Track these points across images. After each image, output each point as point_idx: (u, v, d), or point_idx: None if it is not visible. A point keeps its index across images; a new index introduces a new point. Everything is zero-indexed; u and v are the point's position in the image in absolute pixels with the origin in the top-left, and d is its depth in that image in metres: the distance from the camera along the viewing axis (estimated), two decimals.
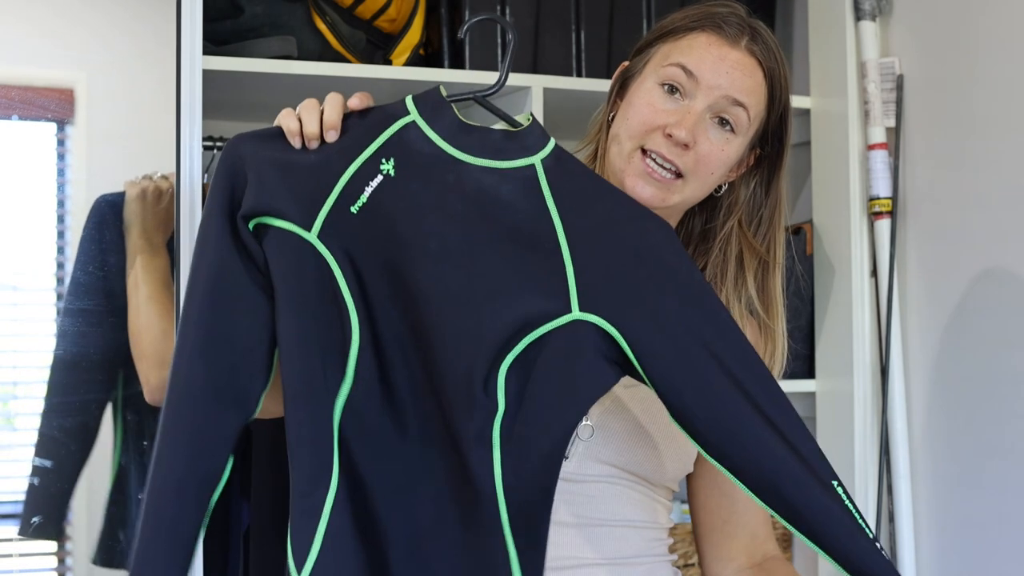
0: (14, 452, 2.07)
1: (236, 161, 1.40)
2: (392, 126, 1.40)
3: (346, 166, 1.38)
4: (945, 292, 2.16)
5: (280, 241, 1.37)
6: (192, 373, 1.38)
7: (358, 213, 1.37)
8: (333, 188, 1.37)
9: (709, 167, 1.53)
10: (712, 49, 1.53)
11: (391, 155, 1.39)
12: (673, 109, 1.52)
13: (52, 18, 2.02)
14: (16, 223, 2.04)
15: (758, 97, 1.55)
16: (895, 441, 2.20)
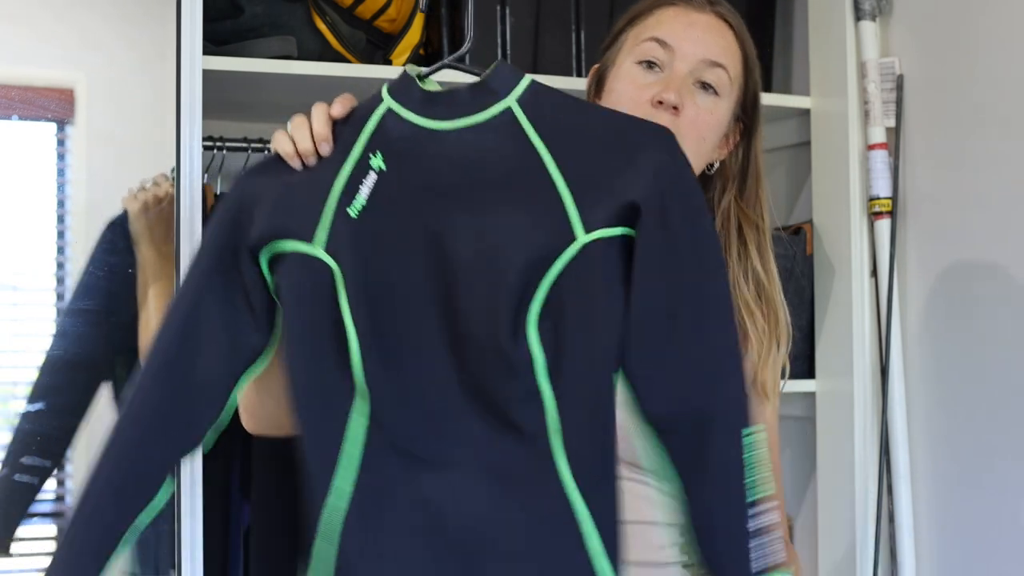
0: None
1: (239, 195, 1.40)
2: (371, 119, 1.40)
3: (337, 171, 1.38)
4: (945, 292, 2.16)
5: (287, 261, 1.37)
6: (145, 395, 1.38)
7: (359, 216, 1.36)
8: (329, 196, 1.37)
9: (700, 131, 1.54)
10: (680, 18, 1.56)
11: (377, 149, 1.38)
12: (656, 80, 1.54)
13: (52, 19, 2.02)
14: (16, 223, 2.04)
15: (733, 56, 1.58)
16: (895, 441, 2.20)
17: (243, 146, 2.30)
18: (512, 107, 1.39)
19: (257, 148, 2.31)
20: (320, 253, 1.35)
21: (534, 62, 2.24)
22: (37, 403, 2.01)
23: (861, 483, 2.21)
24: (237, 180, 1.43)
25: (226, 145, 2.28)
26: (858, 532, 2.19)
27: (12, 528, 2.03)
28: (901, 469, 2.20)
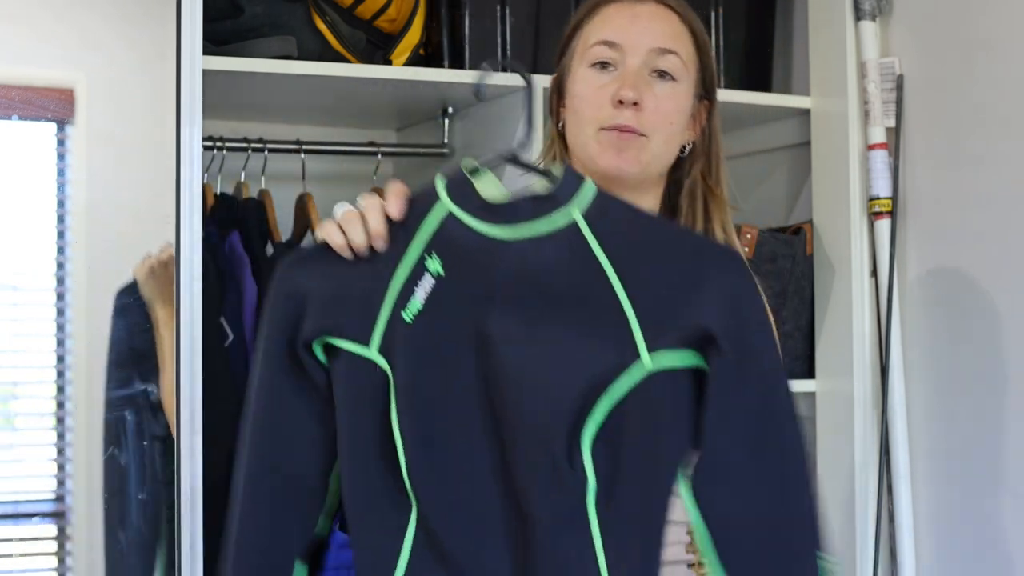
0: (14, 452, 2.07)
1: (290, 287, 1.38)
2: (430, 220, 1.36)
3: (393, 273, 1.35)
4: (945, 292, 2.16)
5: (342, 360, 1.36)
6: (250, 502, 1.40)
7: (414, 320, 1.34)
8: (384, 298, 1.34)
9: (667, 117, 1.55)
10: (622, 13, 1.57)
11: (435, 251, 1.35)
12: (611, 81, 1.54)
13: (52, 19, 2.02)
14: (16, 223, 2.04)
15: (683, 40, 1.58)
16: (895, 441, 2.20)
17: (243, 146, 2.31)
18: (577, 219, 1.35)
19: (257, 148, 2.31)
20: (375, 356, 1.34)
21: (534, 62, 2.24)
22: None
23: (861, 483, 2.21)
24: (282, 270, 1.40)
25: (226, 145, 2.28)
26: (858, 532, 2.19)
27: None
28: (901, 469, 2.20)
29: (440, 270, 1.35)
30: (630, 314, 1.30)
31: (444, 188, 1.37)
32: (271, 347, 1.38)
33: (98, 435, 2.03)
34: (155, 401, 1.99)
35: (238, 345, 2.04)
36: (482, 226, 1.35)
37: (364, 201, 1.39)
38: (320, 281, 1.37)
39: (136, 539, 1.99)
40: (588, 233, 1.34)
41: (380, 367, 1.33)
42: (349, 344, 1.35)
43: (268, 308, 1.39)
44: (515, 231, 1.35)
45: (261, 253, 2.15)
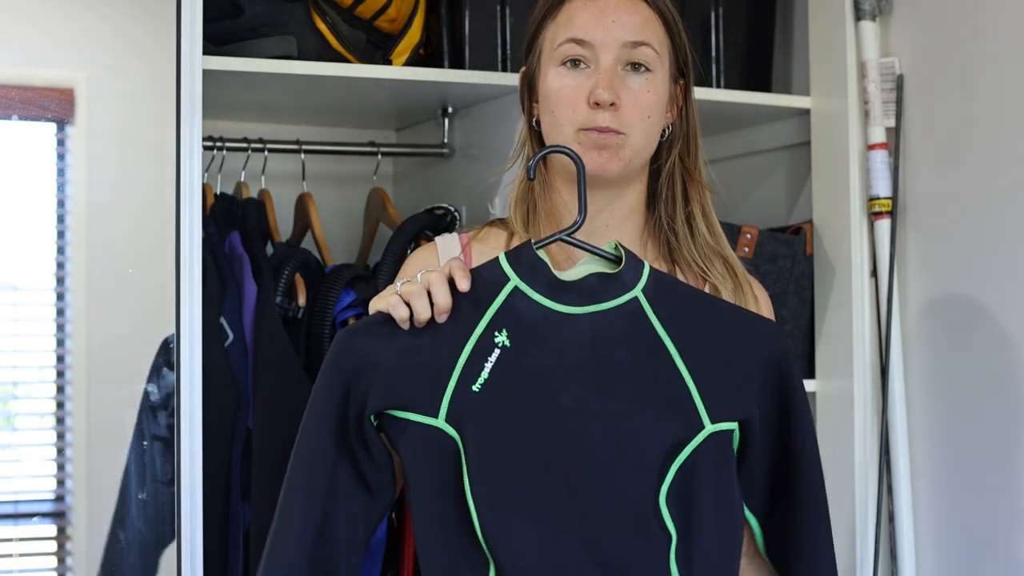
0: (14, 452, 2.07)
1: (349, 359, 1.41)
2: (498, 297, 1.41)
3: (462, 346, 1.39)
4: (945, 292, 2.16)
5: (409, 431, 1.39)
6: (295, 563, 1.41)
7: (481, 391, 1.38)
8: (453, 370, 1.39)
9: (644, 112, 1.54)
10: (588, 8, 1.55)
11: (503, 326, 1.40)
12: (585, 79, 1.53)
13: (52, 18, 2.02)
14: (16, 223, 2.04)
15: (654, 28, 1.56)
16: (895, 441, 2.20)
17: (243, 146, 2.31)
18: (639, 297, 1.43)
19: (257, 148, 2.32)
20: (444, 426, 1.38)
21: None
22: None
23: (861, 483, 2.21)
24: (342, 340, 1.42)
25: (226, 145, 2.28)
26: (858, 532, 2.19)
27: None
28: (901, 469, 2.20)
29: (507, 342, 1.40)
30: (692, 387, 1.41)
31: (509, 263, 1.42)
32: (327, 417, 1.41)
33: (98, 435, 2.03)
34: (155, 401, 1.98)
35: (238, 345, 2.04)
36: (549, 302, 1.41)
37: (429, 275, 1.41)
38: (383, 356, 1.40)
39: (136, 539, 1.99)
40: (649, 310, 1.43)
41: (449, 435, 1.38)
42: (416, 416, 1.39)
43: (326, 377, 1.41)
44: (582, 308, 1.42)
45: (261, 253, 2.15)
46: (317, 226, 2.33)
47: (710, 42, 2.40)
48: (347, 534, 1.42)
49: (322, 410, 1.41)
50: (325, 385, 1.41)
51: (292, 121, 2.52)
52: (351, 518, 1.42)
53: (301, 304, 2.13)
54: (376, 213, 2.41)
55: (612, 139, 1.52)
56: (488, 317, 1.40)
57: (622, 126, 1.53)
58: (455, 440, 1.37)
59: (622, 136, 1.53)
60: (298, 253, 2.20)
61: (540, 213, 1.62)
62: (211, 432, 1.91)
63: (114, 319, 2.04)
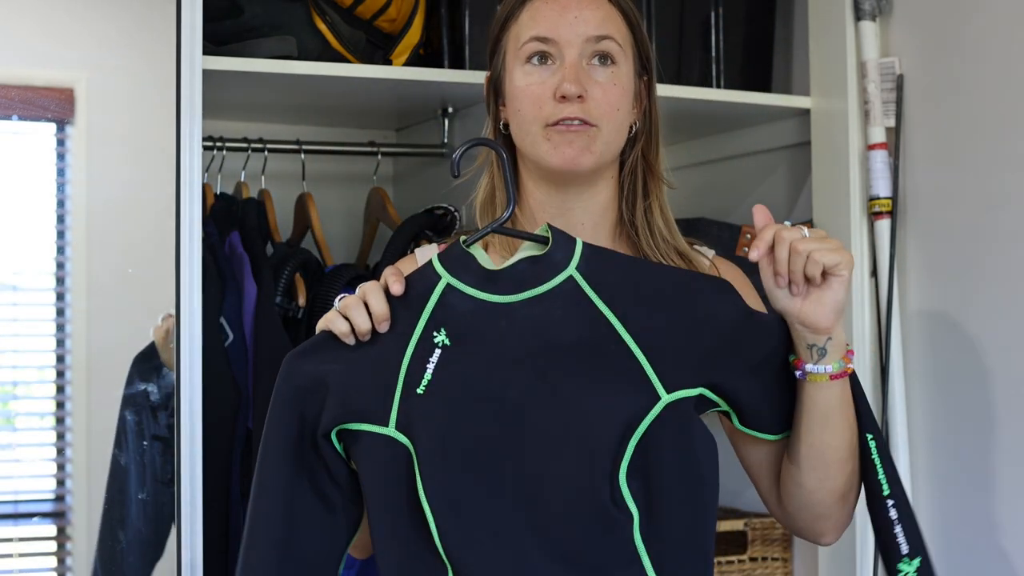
0: (14, 452, 2.07)
1: (300, 381, 1.41)
2: (431, 297, 1.40)
3: (403, 351, 1.39)
4: (945, 292, 2.16)
5: (363, 443, 1.39)
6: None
7: (426, 392, 1.37)
8: (397, 377, 1.38)
9: (612, 103, 1.54)
10: (550, 6, 1.55)
11: (440, 325, 1.39)
12: (551, 76, 1.53)
13: (52, 18, 2.02)
14: (16, 223, 2.04)
15: (615, 23, 1.56)
16: (895, 441, 2.20)
17: (243, 146, 2.31)
18: (573, 275, 1.41)
19: (257, 148, 2.32)
20: (394, 433, 1.37)
21: None
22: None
23: None
24: (289, 363, 1.42)
25: (226, 145, 2.28)
26: (858, 532, 2.19)
27: None
28: (901, 469, 2.20)
29: (446, 340, 1.39)
30: (642, 360, 1.38)
31: (439, 263, 1.41)
32: (284, 440, 1.40)
33: (98, 435, 2.03)
34: (155, 401, 1.99)
35: (238, 345, 2.04)
36: (482, 294, 1.40)
37: (363, 286, 1.42)
38: (330, 372, 1.39)
39: (136, 539, 1.99)
40: (586, 286, 1.40)
41: (400, 442, 1.37)
42: (368, 426, 1.38)
43: (278, 401, 1.41)
44: (516, 296, 1.40)
45: (261, 253, 2.15)
46: (317, 226, 2.33)
47: (710, 42, 2.40)
48: (314, 553, 1.41)
49: (277, 435, 1.41)
50: (277, 410, 1.41)
51: (292, 121, 2.52)
52: (315, 537, 1.41)
53: (301, 304, 2.13)
54: (376, 213, 2.41)
55: (583, 132, 1.52)
56: (424, 318, 1.39)
57: (591, 118, 1.52)
58: (407, 447, 1.37)
59: (593, 128, 1.52)
60: (298, 253, 2.20)
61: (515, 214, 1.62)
62: (211, 432, 1.91)
63: (114, 319, 2.04)
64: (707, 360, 1.40)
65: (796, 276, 1.42)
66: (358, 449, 1.39)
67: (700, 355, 1.40)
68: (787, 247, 1.41)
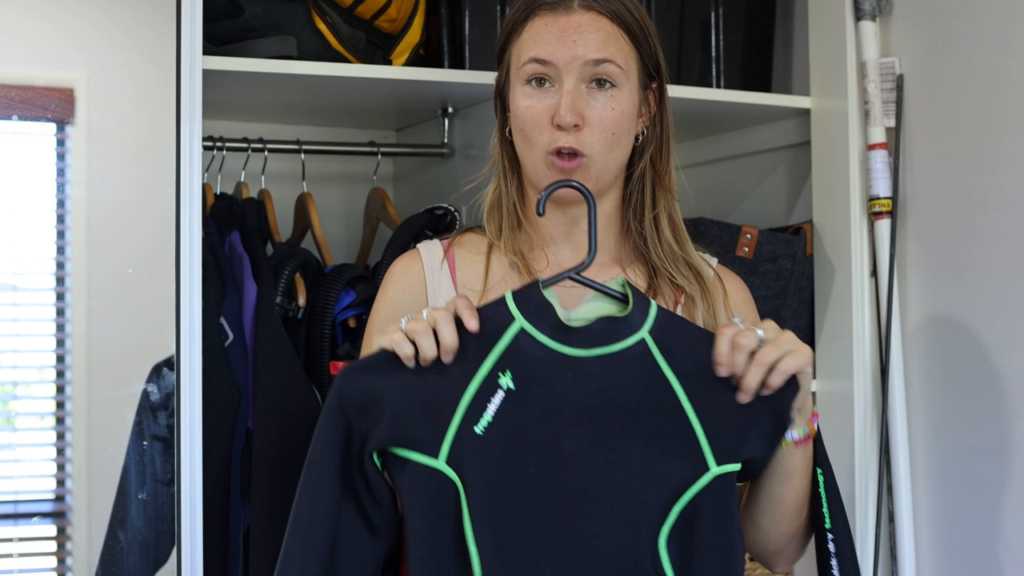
0: (14, 452, 2.07)
1: (352, 396, 1.40)
2: (503, 338, 1.40)
3: (465, 386, 1.39)
4: (945, 292, 2.16)
5: (408, 470, 1.38)
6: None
7: (484, 433, 1.37)
8: (456, 411, 1.38)
9: (609, 129, 1.54)
10: (550, 28, 1.54)
11: (507, 367, 1.39)
12: (550, 99, 1.54)
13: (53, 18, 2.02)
14: (16, 223, 2.04)
15: (617, 44, 1.55)
16: (895, 441, 2.20)
17: (243, 146, 2.31)
18: (645, 338, 1.42)
19: (257, 148, 2.32)
20: (443, 467, 1.37)
21: None
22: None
23: (861, 483, 2.21)
24: (345, 377, 1.41)
25: (226, 145, 2.28)
26: (858, 532, 2.19)
27: None
28: (901, 469, 2.20)
29: (511, 384, 1.39)
30: (698, 430, 1.40)
31: (515, 304, 1.41)
32: (332, 456, 1.40)
33: (98, 435, 2.03)
34: (155, 401, 1.98)
35: (238, 345, 2.04)
36: (555, 344, 1.40)
37: (435, 313, 1.41)
38: (387, 393, 1.39)
39: (136, 539, 1.99)
40: (656, 351, 1.42)
41: (449, 478, 1.37)
42: (416, 455, 1.38)
43: (329, 417, 1.40)
44: (587, 351, 1.41)
45: (261, 253, 2.15)
46: (317, 226, 2.33)
47: (710, 42, 2.40)
48: (354, 572, 1.41)
49: (325, 448, 1.40)
50: (328, 423, 1.40)
51: (292, 121, 2.52)
52: (356, 559, 1.41)
53: (301, 304, 2.13)
54: (376, 213, 2.41)
55: (576, 164, 1.53)
56: (493, 358, 1.40)
57: (584, 147, 1.53)
58: (454, 482, 1.37)
59: (584, 159, 1.53)
60: (298, 253, 2.20)
61: (517, 224, 1.62)
62: (211, 432, 1.91)
63: (114, 319, 2.04)
64: (752, 438, 1.43)
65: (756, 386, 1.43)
66: (402, 475, 1.39)
67: (749, 433, 1.43)
68: (744, 356, 1.42)
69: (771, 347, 1.42)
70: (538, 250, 1.62)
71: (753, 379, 1.41)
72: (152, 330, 1.98)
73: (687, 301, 1.61)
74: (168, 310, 1.90)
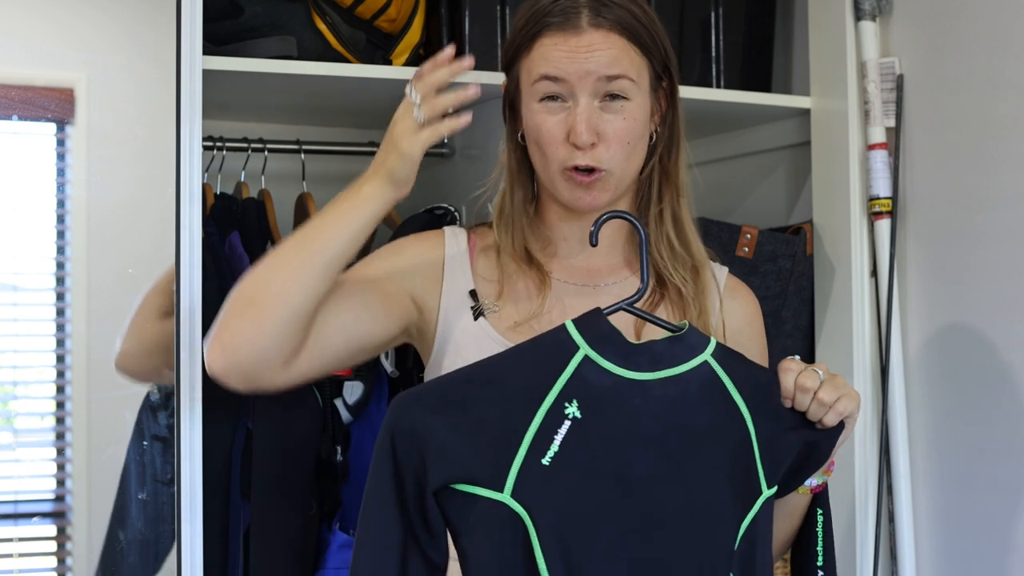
0: (14, 452, 2.07)
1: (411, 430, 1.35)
2: (568, 367, 1.38)
3: (530, 418, 1.36)
4: (945, 292, 2.16)
5: (471, 506, 1.35)
6: None
7: (551, 464, 1.35)
8: (521, 443, 1.35)
9: (624, 140, 1.54)
10: (560, 47, 1.53)
11: (573, 396, 1.37)
12: (564, 116, 1.54)
13: (52, 18, 2.02)
14: (16, 223, 2.04)
15: (628, 58, 1.55)
16: (895, 441, 2.20)
17: (243, 146, 2.31)
18: (709, 361, 1.42)
19: (257, 148, 2.31)
20: (509, 501, 1.34)
21: None
22: None
23: (861, 483, 2.21)
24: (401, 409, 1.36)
25: (226, 145, 2.28)
26: (858, 532, 2.19)
27: None
28: (901, 469, 2.20)
29: (577, 413, 1.37)
30: (756, 453, 1.41)
31: (577, 333, 1.39)
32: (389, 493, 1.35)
33: (98, 435, 2.03)
34: (155, 401, 1.99)
35: None
36: (620, 370, 1.39)
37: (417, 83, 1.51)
38: (446, 430, 1.35)
39: (136, 539, 1.99)
40: (723, 375, 1.42)
41: (515, 511, 1.34)
42: (480, 490, 1.35)
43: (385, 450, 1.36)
44: (653, 374, 1.40)
45: (261, 253, 2.14)
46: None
47: (710, 42, 2.40)
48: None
49: (384, 485, 1.36)
50: (384, 458, 1.36)
51: (292, 121, 2.52)
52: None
53: None
54: None
55: (595, 179, 1.54)
56: (558, 387, 1.37)
57: (602, 162, 1.53)
58: (521, 516, 1.34)
59: (604, 172, 1.54)
60: None
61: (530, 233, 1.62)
62: (211, 432, 1.91)
63: (114, 319, 2.04)
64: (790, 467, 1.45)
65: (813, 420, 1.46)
66: (464, 512, 1.35)
67: (788, 461, 1.44)
68: (809, 397, 1.45)
69: (830, 388, 1.45)
70: (549, 252, 1.63)
71: (815, 416, 1.44)
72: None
73: (678, 299, 1.61)
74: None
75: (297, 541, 2.04)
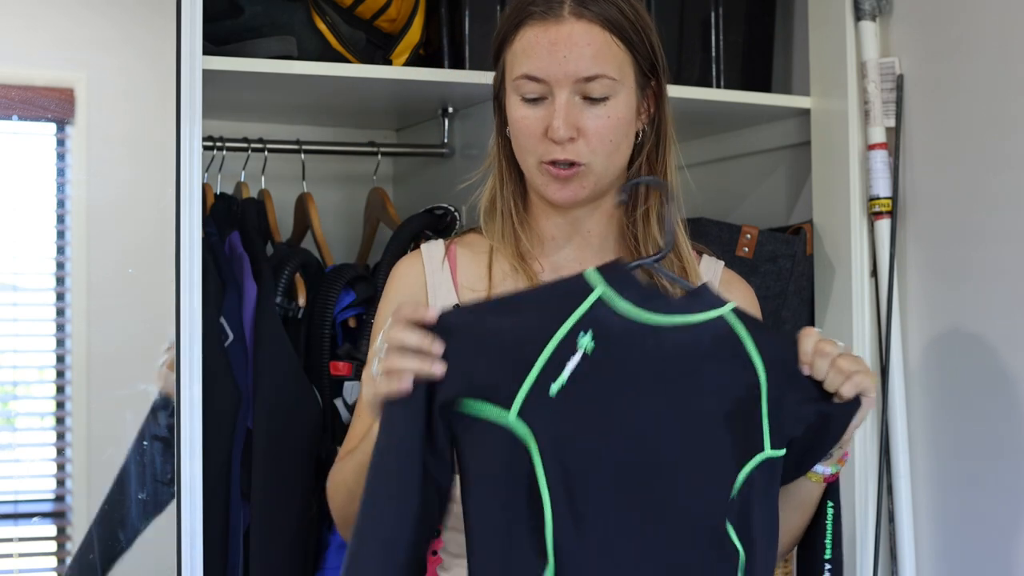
0: (14, 452, 2.08)
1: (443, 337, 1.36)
2: (584, 301, 1.39)
3: (544, 343, 1.37)
4: (945, 292, 2.16)
5: (476, 428, 1.36)
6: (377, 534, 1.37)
7: (557, 395, 1.36)
8: (533, 365, 1.36)
9: (605, 137, 1.53)
10: (541, 40, 1.52)
11: (588, 328, 1.38)
12: (543, 112, 1.53)
13: (52, 18, 2.02)
14: (16, 223, 2.04)
15: (610, 52, 1.53)
16: (895, 441, 2.20)
17: (243, 146, 2.31)
18: (726, 315, 1.43)
19: (257, 148, 2.32)
20: (515, 422, 1.35)
21: None
22: None
23: (861, 483, 2.21)
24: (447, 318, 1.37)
25: (226, 145, 2.28)
26: (858, 532, 2.19)
27: None
28: (901, 469, 2.20)
29: (591, 343, 1.38)
30: (764, 411, 1.41)
31: (599, 274, 1.40)
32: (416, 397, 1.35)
33: (98, 435, 2.03)
34: (155, 401, 1.99)
35: (238, 345, 2.04)
36: (635, 310, 1.40)
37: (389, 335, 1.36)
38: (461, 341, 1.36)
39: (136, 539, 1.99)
40: (739, 328, 1.42)
41: (518, 435, 1.35)
42: (487, 408, 1.35)
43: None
44: (669, 318, 1.40)
45: (261, 253, 2.15)
46: (317, 226, 2.33)
47: (710, 42, 2.40)
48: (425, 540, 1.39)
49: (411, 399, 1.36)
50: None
51: (292, 121, 2.52)
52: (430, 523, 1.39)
53: (301, 304, 2.13)
54: (376, 213, 2.41)
55: (573, 172, 1.53)
56: (575, 318, 1.38)
57: (581, 157, 1.53)
58: (525, 440, 1.34)
59: (582, 167, 1.53)
60: (298, 253, 2.20)
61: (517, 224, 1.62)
62: (211, 432, 1.91)
63: (114, 319, 2.04)
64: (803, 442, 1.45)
65: (833, 392, 1.45)
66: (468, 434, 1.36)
67: (798, 431, 1.43)
68: (828, 362, 1.44)
69: (849, 359, 1.44)
70: (538, 250, 1.62)
71: (832, 384, 1.43)
72: (152, 330, 1.98)
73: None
74: (168, 310, 1.90)
75: (297, 541, 2.04)
